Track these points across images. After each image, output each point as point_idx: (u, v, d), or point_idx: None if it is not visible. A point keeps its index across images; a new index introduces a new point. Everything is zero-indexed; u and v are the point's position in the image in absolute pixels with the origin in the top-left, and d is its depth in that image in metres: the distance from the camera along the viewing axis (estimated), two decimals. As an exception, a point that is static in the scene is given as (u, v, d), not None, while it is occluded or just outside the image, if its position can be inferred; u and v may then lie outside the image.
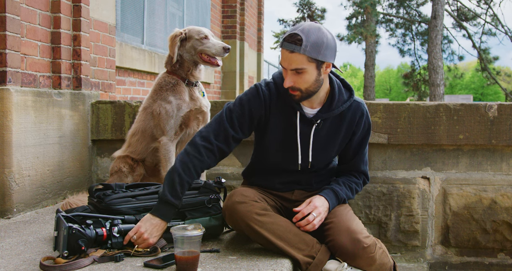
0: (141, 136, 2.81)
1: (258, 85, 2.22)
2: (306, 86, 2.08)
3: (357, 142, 2.32)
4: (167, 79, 2.76)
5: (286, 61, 2.04)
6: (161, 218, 2.02)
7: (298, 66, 2.02)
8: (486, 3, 17.51)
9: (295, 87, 2.08)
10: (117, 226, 1.99)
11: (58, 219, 1.94)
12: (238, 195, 2.17)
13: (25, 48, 2.94)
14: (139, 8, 5.48)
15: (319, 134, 2.23)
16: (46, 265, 1.81)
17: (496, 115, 3.01)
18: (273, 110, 2.21)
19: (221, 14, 8.79)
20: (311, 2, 20.48)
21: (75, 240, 1.87)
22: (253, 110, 2.19)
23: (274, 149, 2.27)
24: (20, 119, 2.78)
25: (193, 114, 2.74)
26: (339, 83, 2.24)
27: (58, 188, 3.15)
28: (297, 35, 1.99)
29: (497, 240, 3.04)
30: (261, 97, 2.19)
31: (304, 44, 1.98)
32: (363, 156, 2.36)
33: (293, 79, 2.06)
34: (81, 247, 1.88)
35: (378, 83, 42.10)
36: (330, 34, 2.06)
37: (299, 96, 2.12)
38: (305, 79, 2.05)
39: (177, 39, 2.71)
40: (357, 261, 2.06)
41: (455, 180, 3.09)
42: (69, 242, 1.86)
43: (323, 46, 2.01)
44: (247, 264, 1.96)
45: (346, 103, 2.22)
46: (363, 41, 17.80)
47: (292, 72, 2.05)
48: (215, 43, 2.69)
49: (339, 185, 2.29)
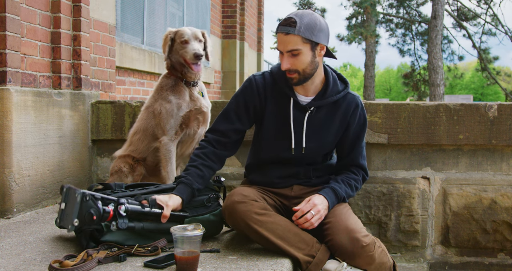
0: (142, 134, 2.81)
1: (252, 76, 2.35)
2: (303, 68, 2.16)
3: (353, 134, 2.34)
4: (167, 79, 2.78)
5: (282, 44, 2.14)
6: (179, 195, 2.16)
7: (294, 47, 2.12)
8: (486, 3, 17.50)
9: (292, 69, 2.17)
10: (124, 205, 1.92)
11: (68, 189, 1.87)
12: (237, 194, 2.17)
13: (25, 48, 2.94)
14: (139, 8, 5.48)
15: (313, 122, 2.29)
16: (55, 267, 1.80)
17: (496, 115, 3.01)
18: (268, 99, 2.31)
19: (221, 14, 8.79)
20: (311, 2, 20.46)
21: (87, 209, 1.79)
22: (247, 100, 2.31)
23: (269, 136, 2.33)
24: (20, 119, 2.78)
25: (193, 115, 2.74)
26: (334, 75, 2.33)
27: (58, 188, 3.15)
28: (291, 18, 2.11)
29: (497, 240, 3.04)
30: (254, 87, 2.31)
31: (298, 25, 2.09)
32: (361, 150, 2.38)
33: (289, 61, 2.16)
34: (93, 216, 1.79)
35: (378, 83, 42.12)
36: (323, 19, 2.18)
37: (297, 79, 2.20)
38: (301, 60, 2.14)
39: (168, 38, 2.74)
40: (356, 260, 2.06)
41: (455, 180, 3.09)
42: (81, 209, 1.77)
43: (316, 28, 2.13)
44: (247, 264, 1.96)
45: (341, 93, 2.29)
46: (363, 41, 17.80)
47: (288, 54, 2.15)
48: (190, 49, 2.67)
49: (338, 183, 2.30)
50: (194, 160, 2.26)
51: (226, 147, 2.33)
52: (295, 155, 2.30)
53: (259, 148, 2.40)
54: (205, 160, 2.26)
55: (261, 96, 2.31)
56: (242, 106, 2.32)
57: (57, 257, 1.95)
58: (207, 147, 2.30)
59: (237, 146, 2.39)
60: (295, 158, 2.31)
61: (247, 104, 2.32)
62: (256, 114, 2.34)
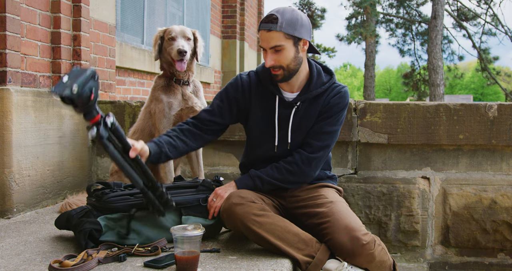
0: (140, 134, 2.82)
1: (239, 75, 2.40)
2: (287, 63, 2.18)
3: (322, 118, 2.29)
4: (159, 79, 2.79)
5: (265, 41, 2.16)
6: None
7: (277, 43, 2.14)
8: (486, 3, 17.50)
9: (276, 66, 2.19)
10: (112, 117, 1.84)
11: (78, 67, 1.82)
12: (235, 196, 2.16)
13: (25, 48, 2.94)
14: (139, 8, 5.48)
15: (297, 117, 2.29)
16: (55, 267, 1.80)
17: (496, 115, 3.01)
18: (253, 97, 2.34)
19: (221, 14, 8.79)
20: (311, 2, 20.47)
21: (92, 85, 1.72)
22: (231, 97, 2.35)
23: (257, 135, 2.35)
24: (20, 119, 2.78)
25: (185, 114, 2.72)
26: (319, 68, 2.35)
27: (58, 188, 3.15)
28: (272, 15, 2.13)
29: (497, 240, 3.04)
30: (239, 85, 2.35)
31: (280, 21, 2.11)
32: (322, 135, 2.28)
33: (273, 58, 2.17)
34: (91, 94, 1.72)
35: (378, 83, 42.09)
36: (304, 14, 2.21)
37: (282, 75, 2.22)
38: (284, 56, 2.16)
39: (157, 37, 2.74)
40: (356, 258, 2.06)
41: (455, 180, 3.09)
42: (86, 81, 1.70)
43: (298, 23, 2.15)
44: (247, 264, 1.96)
45: (325, 85, 2.30)
46: (363, 41, 17.81)
47: (271, 51, 2.17)
48: (175, 46, 2.65)
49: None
50: (168, 132, 2.30)
51: (204, 132, 2.35)
52: (279, 152, 2.30)
53: (249, 147, 2.44)
54: (179, 133, 2.29)
55: (246, 95, 2.35)
56: (226, 102, 2.36)
57: (57, 257, 1.95)
58: (183, 125, 2.34)
59: (217, 134, 2.41)
60: (283, 155, 2.31)
61: (230, 101, 2.35)
62: (240, 112, 2.38)
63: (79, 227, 2.07)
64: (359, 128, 3.09)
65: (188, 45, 2.69)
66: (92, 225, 2.06)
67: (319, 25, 20.87)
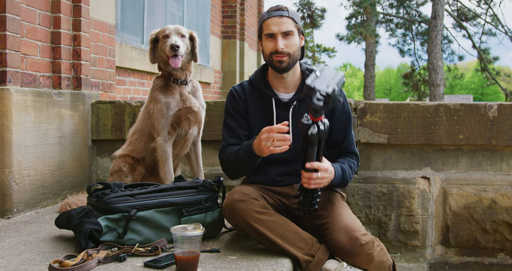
0: (140, 134, 2.82)
1: (232, 88, 2.48)
2: (293, 51, 2.28)
3: (340, 123, 2.36)
4: (157, 79, 2.79)
5: (277, 25, 2.26)
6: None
7: (288, 28, 2.26)
8: (486, 3, 17.49)
9: (284, 51, 2.26)
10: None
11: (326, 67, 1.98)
12: (238, 193, 2.18)
13: (25, 48, 2.94)
14: (139, 8, 5.48)
15: (295, 116, 2.33)
16: (55, 267, 1.80)
17: (496, 115, 3.01)
18: (250, 102, 2.41)
19: (221, 14, 8.79)
20: (311, 2, 20.47)
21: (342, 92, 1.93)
22: (235, 108, 2.43)
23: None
24: (20, 119, 2.78)
25: (183, 114, 2.72)
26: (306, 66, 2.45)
27: (58, 188, 3.15)
28: (280, 5, 2.31)
29: (497, 240, 3.04)
30: (236, 96, 2.43)
31: (289, 10, 2.30)
32: (352, 137, 2.43)
33: (283, 42, 2.26)
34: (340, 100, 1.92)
35: (378, 83, 42.11)
36: None
37: (287, 62, 2.29)
38: (293, 42, 2.28)
39: (150, 40, 2.75)
40: (355, 258, 2.07)
41: (455, 180, 3.09)
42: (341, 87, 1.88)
43: (300, 18, 2.36)
44: (247, 264, 1.96)
45: None
46: (363, 41, 17.80)
47: (282, 35, 2.27)
48: (168, 42, 2.63)
49: (344, 164, 2.31)
50: (232, 148, 2.35)
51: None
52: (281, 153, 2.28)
53: None
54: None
55: (244, 102, 2.42)
56: (235, 114, 2.42)
57: (57, 257, 1.95)
58: (226, 145, 2.40)
59: None
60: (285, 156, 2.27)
61: (237, 111, 2.42)
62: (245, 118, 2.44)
63: (80, 227, 2.07)
64: (359, 128, 3.10)
65: (182, 42, 2.67)
66: (93, 226, 2.06)
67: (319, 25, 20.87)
